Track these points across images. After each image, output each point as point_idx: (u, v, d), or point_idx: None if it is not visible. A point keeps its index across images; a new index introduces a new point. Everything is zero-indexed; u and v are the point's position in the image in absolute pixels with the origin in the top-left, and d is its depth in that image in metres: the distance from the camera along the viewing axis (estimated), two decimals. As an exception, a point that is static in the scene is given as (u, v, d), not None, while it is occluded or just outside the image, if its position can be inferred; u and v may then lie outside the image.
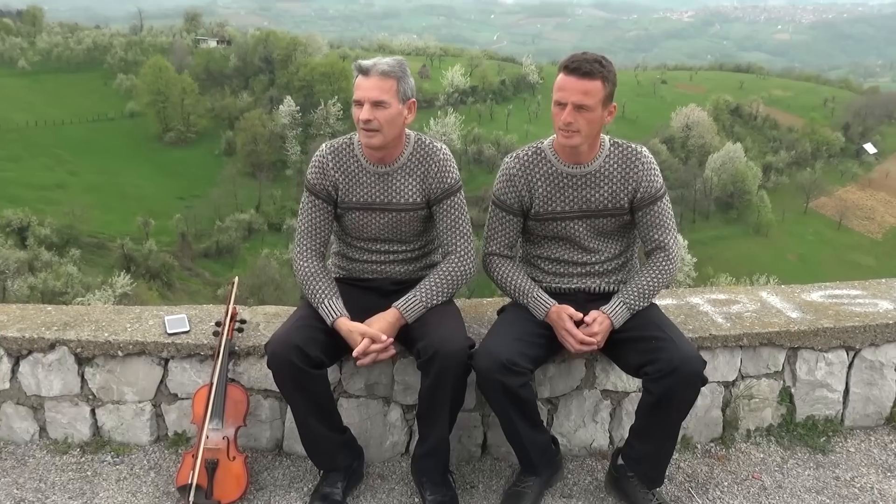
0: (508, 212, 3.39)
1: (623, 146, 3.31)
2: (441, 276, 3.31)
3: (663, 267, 3.31)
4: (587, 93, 3.07)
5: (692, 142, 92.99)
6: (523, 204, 3.37)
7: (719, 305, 4.10)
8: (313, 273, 3.31)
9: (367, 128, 3.16)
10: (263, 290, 46.83)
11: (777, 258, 73.55)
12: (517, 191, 3.35)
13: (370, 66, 3.16)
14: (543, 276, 3.47)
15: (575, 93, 3.07)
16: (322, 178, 3.35)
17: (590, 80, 3.06)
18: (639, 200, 3.30)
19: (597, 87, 3.07)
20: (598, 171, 3.28)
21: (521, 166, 3.35)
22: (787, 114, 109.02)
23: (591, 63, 3.07)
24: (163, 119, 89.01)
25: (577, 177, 3.29)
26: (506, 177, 3.37)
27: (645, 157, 3.30)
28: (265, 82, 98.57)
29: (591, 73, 3.06)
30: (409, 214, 3.37)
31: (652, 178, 3.29)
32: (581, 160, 3.28)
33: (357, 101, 3.17)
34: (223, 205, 70.63)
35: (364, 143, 3.23)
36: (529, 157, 3.35)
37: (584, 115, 3.09)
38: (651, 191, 3.29)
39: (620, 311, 3.22)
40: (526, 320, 3.28)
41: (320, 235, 3.39)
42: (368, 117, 3.14)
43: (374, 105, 3.14)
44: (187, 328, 3.65)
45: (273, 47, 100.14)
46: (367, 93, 3.14)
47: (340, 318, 3.19)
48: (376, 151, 3.27)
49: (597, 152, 3.29)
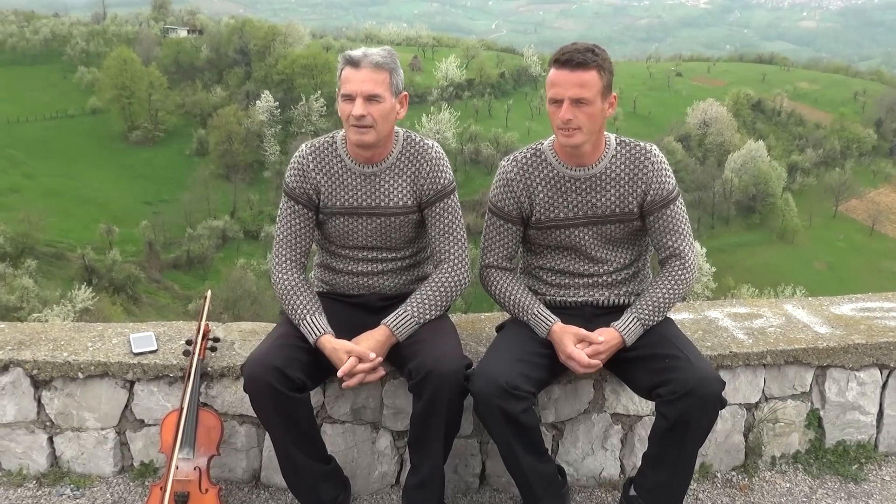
0: (506, 220, 3.40)
1: (630, 145, 3.32)
2: (433, 287, 3.32)
3: (679, 276, 3.32)
4: (583, 85, 3.08)
5: (710, 140, 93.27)
6: (522, 211, 3.38)
7: (740, 320, 4.11)
8: (294, 286, 3.31)
9: (360, 124, 3.17)
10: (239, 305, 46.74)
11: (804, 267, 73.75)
12: (515, 197, 3.36)
13: (360, 56, 3.17)
14: (547, 288, 3.47)
15: (570, 86, 3.09)
16: (302, 181, 3.36)
17: (584, 70, 3.08)
18: (650, 204, 3.31)
19: (593, 77, 3.09)
20: (603, 173, 3.29)
21: (519, 170, 3.36)
22: (814, 109, 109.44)
23: (583, 53, 3.09)
24: (128, 116, 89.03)
25: (581, 180, 3.30)
26: (503, 182, 3.38)
27: (655, 155, 3.31)
28: (241, 76, 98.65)
29: (585, 63, 3.08)
30: (398, 219, 3.37)
31: (663, 179, 3.30)
32: (585, 161, 3.29)
33: (347, 96, 3.18)
34: (195, 210, 70.54)
35: (355, 142, 3.23)
36: (528, 159, 3.36)
37: (583, 109, 3.11)
38: (663, 193, 3.30)
39: (633, 328, 3.22)
40: (527, 338, 3.28)
41: (301, 244, 3.39)
42: (362, 112, 3.14)
43: (367, 99, 3.15)
44: (155, 347, 3.64)
45: (249, 37, 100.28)
46: (359, 86, 3.15)
47: (324, 335, 3.18)
48: (365, 150, 3.28)
49: (602, 152, 3.30)
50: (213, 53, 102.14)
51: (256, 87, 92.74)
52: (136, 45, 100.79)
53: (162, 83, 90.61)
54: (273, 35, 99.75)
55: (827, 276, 71.59)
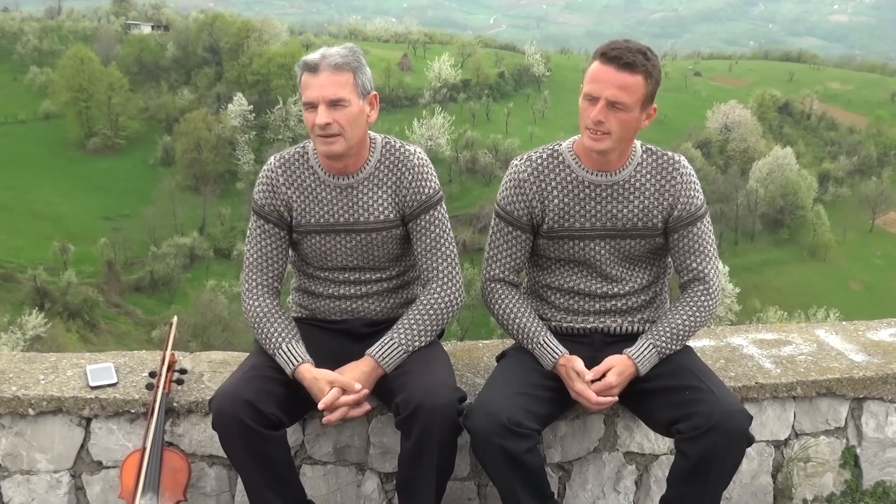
0: (515, 226, 3.40)
1: (658, 154, 3.35)
2: (422, 310, 3.32)
3: (702, 303, 3.33)
4: (625, 88, 3.09)
5: (732, 146, 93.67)
6: (534, 217, 3.38)
7: (767, 347, 4.11)
8: (266, 313, 3.31)
9: (325, 133, 3.18)
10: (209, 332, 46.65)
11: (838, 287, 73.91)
12: (527, 200, 3.36)
13: (318, 59, 3.18)
14: (553, 312, 3.48)
15: (611, 86, 3.09)
16: (271, 198, 3.37)
17: (630, 73, 3.09)
18: (675, 220, 3.32)
19: (637, 82, 3.10)
20: (627, 182, 3.31)
21: (533, 170, 3.36)
22: (847, 111, 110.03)
23: (633, 53, 3.09)
24: (85, 121, 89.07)
25: (603, 187, 3.31)
26: (514, 182, 3.38)
27: (684, 167, 3.34)
28: (211, 76, 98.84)
29: (633, 64, 3.08)
30: (380, 235, 3.38)
31: (692, 194, 3.32)
32: (608, 167, 3.30)
33: (309, 104, 3.19)
34: (159, 226, 70.48)
35: (324, 153, 3.25)
36: (544, 159, 3.37)
37: (617, 114, 3.12)
38: (691, 208, 3.32)
39: (648, 355, 3.22)
40: (531, 369, 3.29)
41: (273, 267, 3.41)
42: (326, 120, 3.16)
43: (330, 105, 3.17)
44: (114, 380, 3.62)
45: (220, 34, 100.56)
46: (319, 91, 3.16)
47: (303, 364, 3.18)
48: (337, 161, 3.29)
49: (627, 159, 3.32)
50: (181, 52, 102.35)
51: (228, 88, 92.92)
52: (94, 42, 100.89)
53: (123, 85, 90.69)
54: (247, 31, 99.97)
55: (863, 298, 71.70)
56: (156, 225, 70.41)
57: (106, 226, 72.79)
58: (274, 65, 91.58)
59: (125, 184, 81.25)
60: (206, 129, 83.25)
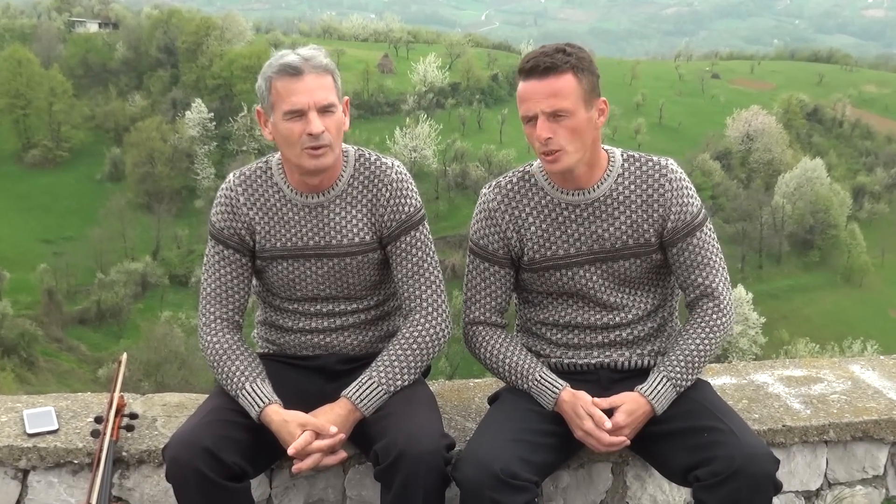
0: (491, 262, 3.43)
1: (641, 160, 3.37)
2: (404, 344, 3.32)
3: (714, 321, 3.34)
4: (556, 93, 3.12)
5: (756, 158, 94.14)
6: (511, 249, 3.41)
7: (796, 385, 4.12)
8: (227, 349, 3.31)
9: (318, 144, 3.18)
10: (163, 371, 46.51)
11: (875, 316, 74.11)
12: (500, 231, 3.39)
13: (300, 61, 3.18)
14: (551, 349, 3.49)
15: (541, 98, 3.13)
16: (231, 220, 3.38)
17: (555, 76, 3.12)
18: (671, 232, 3.34)
19: (568, 83, 3.12)
20: (609, 196, 3.33)
21: (503, 197, 3.40)
22: (885, 118, 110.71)
23: (550, 55, 3.13)
24: (23, 131, 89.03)
25: (582, 206, 3.33)
26: (484, 213, 3.42)
27: (672, 171, 3.35)
28: (166, 80, 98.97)
29: (554, 66, 3.12)
30: (356, 260, 3.39)
31: (685, 200, 3.34)
32: (582, 184, 3.32)
33: (295, 112, 3.16)
34: (107, 250, 70.33)
35: (313, 167, 3.23)
36: (514, 184, 3.41)
37: (563, 124, 3.14)
38: (685, 217, 3.33)
39: (663, 391, 3.22)
40: (528, 411, 3.29)
41: (234, 299, 3.41)
42: (322, 128, 3.16)
43: (321, 112, 3.18)
44: (55, 426, 3.61)
45: (177, 32, 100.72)
46: (310, 96, 3.16)
47: (270, 406, 3.17)
48: (315, 176, 3.29)
49: (605, 171, 3.34)
50: (131, 52, 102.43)
51: (186, 94, 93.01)
52: (33, 42, 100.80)
53: (66, 90, 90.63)
54: (206, 29, 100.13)
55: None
56: (103, 249, 70.23)
57: (46, 250, 72.57)
58: (237, 67, 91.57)
59: (68, 202, 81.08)
60: (161, 139, 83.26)
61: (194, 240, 73.34)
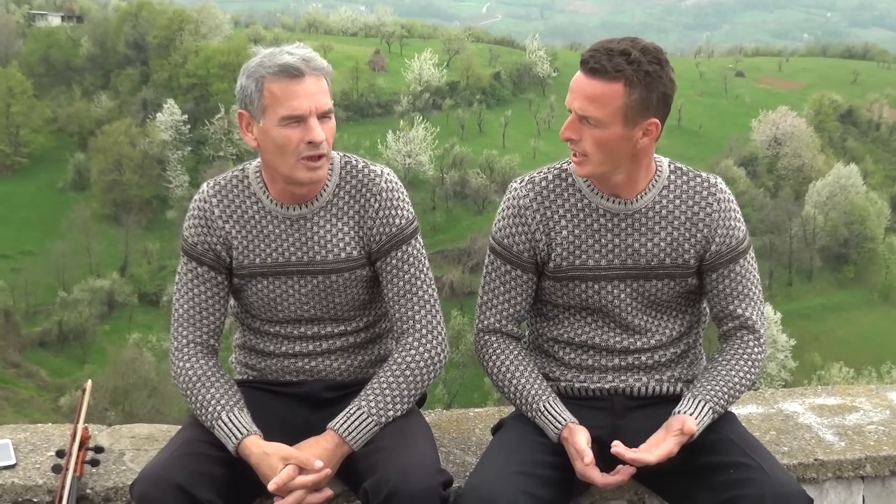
0: (515, 264, 3.41)
1: (688, 174, 3.37)
2: (396, 370, 3.31)
3: (755, 355, 3.35)
4: (594, 99, 3.09)
5: (784, 164, 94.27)
6: (538, 253, 3.39)
7: (829, 414, 4.12)
8: (201, 376, 3.31)
9: (317, 153, 3.18)
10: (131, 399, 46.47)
11: (917, 338, 74.02)
12: (528, 232, 3.38)
13: (298, 62, 3.16)
14: (562, 370, 3.49)
15: (579, 96, 3.12)
16: (205, 234, 3.38)
17: (602, 80, 3.08)
18: (714, 256, 3.35)
19: (612, 91, 3.08)
20: (651, 209, 3.33)
21: (536, 195, 3.38)
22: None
23: (610, 55, 3.08)
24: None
25: (620, 216, 3.33)
26: (512, 210, 3.40)
27: (721, 190, 3.37)
28: (135, 79, 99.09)
29: (604, 70, 3.07)
30: (342, 277, 3.39)
31: (732, 224, 3.35)
32: (625, 191, 3.32)
33: (294, 117, 3.14)
34: (70, 266, 70.33)
35: (308, 179, 3.22)
36: (549, 181, 3.39)
37: (590, 131, 3.13)
38: (731, 242, 3.35)
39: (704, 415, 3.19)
40: (535, 442, 3.28)
41: (209, 321, 3.41)
42: (323, 137, 3.16)
43: (320, 118, 3.18)
44: (13, 461, 3.60)
45: (147, 26, 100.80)
46: (312, 101, 3.15)
47: (249, 437, 3.16)
48: (303, 187, 3.29)
49: (651, 181, 3.34)
50: (98, 48, 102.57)
51: (157, 94, 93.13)
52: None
53: (26, 90, 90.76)
54: (180, 23, 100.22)
55: (949, 351, 71.90)
56: (65, 264, 70.22)
57: (2, 265, 72.56)
58: (214, 64, 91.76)
59: (27, 213, 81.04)
60: (129, 144, 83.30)
61: (166, 254, 73.37)
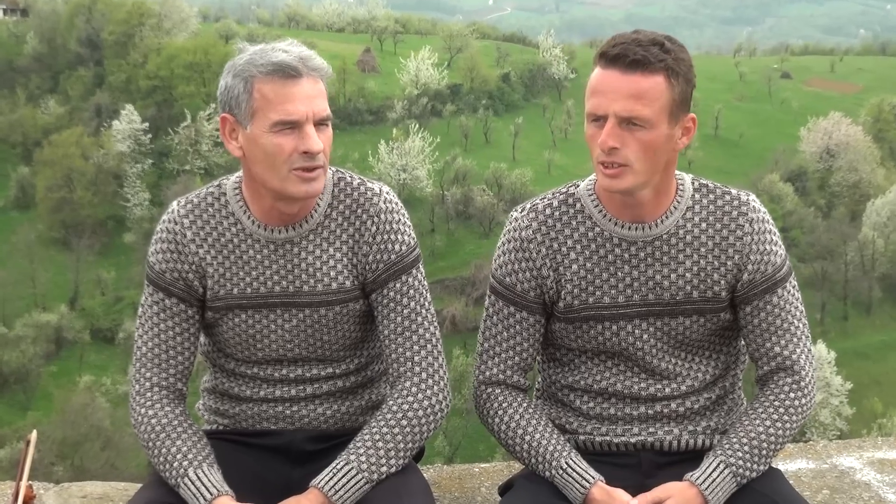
0: (518, 305, 3.42)
1: (716, 192, 3.37)
2: (391, 420, 3.31)
3: (791, 402, 3.33)
4: (640, 95, 3.10)
5: (838, 179, 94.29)
6: (545, 291, 3.40)
7: (892, 471, 4.11)
8: (166, 426, 3.31)
9: (313, 165, 3.18)
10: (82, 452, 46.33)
11: None
12: (533, 268, 3.38)
13: (296, 61, 3.16)
14: (580, 421, 3.49)
15: (620, 96, 3.11)
16: (175, 260, 3.39)
17: (644, 73, 3.10)
18: (747, 286, 3.34)
19: (657, 84, 3.11)
20: (674, 235, 3.33)
21: (540, 224, 3.39)
22: None
23: (645, 46, 3.11)
24: None
25: (639, 244, 3.34)
26: (514, 244, 3.41)
27: (754, 209, 3.36)
28: (88, 81, 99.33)
29: (646, 62, 3.09)
30: (332, 311, 3.39)
31: (768, 248, 3.35)
32: (644, 216, 3.32)
33: (288, 123, 3.15)
34: (12, 297, 70.36)
35: (304, 193, 3.22)
36: (555, 209, 3.40)
37: (636, 134, 3.12)
38: (767, 269, 3.34)
39: (721, 481, 3.20)
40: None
41: (176, 361, 3.40)
42: (321, 146, 3.16)
43: (317, 125, 3.19)
44: (-56, 524, 3.61)
45: (103, 20, 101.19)
46: (309, 105, 3.16)
47: (219, 498, 3.16)
48: (294, 204, 3.29)
49: (672, 202, 3.34)
50: (45, 46, 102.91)
51: (113, 98, 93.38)
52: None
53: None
54: (140, 17, 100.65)
55: None
56: (6, 296, 70.28)
57: (-66, 297, 72.68)
58: (179, 64, 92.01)
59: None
60: (81, 156, 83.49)
61: (123, 284, 73.42)
